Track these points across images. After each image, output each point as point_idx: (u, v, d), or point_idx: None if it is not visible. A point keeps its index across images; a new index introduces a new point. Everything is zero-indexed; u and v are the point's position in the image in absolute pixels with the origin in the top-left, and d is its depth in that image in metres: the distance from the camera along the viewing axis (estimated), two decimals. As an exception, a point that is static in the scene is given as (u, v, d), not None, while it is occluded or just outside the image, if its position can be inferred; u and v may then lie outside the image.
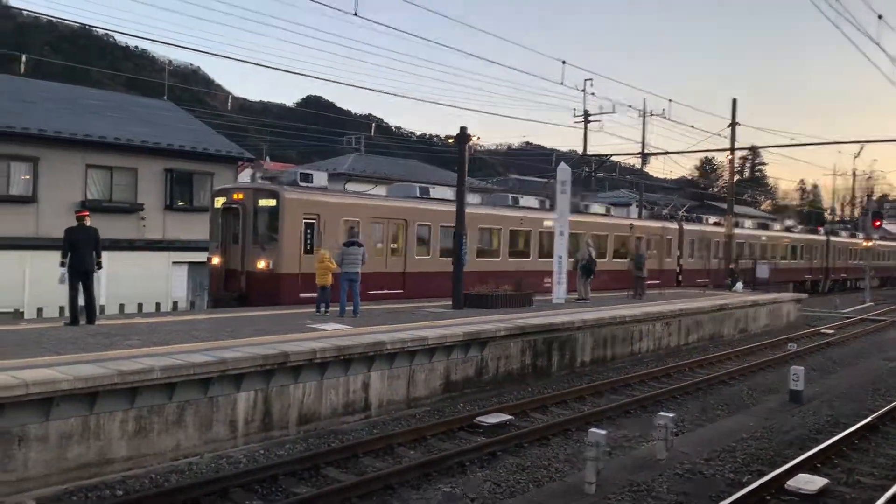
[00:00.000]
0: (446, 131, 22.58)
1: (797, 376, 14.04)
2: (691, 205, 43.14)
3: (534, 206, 24.88)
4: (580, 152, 36.17)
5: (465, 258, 17.76)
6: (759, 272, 34.29)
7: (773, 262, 37.82)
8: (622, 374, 15.91)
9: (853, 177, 65.69)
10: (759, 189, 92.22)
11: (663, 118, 34.70)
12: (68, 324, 12.23)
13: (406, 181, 26.65)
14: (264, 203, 17.30)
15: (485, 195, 25.75)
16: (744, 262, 35.04)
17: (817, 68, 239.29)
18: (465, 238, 18.03)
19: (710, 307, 22.28)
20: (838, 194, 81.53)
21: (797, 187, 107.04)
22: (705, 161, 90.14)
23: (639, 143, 38.39)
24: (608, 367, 16.95)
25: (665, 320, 19.71)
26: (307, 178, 18.40)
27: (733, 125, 32.80)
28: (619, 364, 17.40)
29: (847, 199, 78.99)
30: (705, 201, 62.90)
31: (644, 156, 39.60)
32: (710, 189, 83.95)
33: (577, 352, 16.28)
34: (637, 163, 45.04)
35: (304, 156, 56.60)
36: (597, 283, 22.15)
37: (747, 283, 31.13)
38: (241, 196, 17.80)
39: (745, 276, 32.41)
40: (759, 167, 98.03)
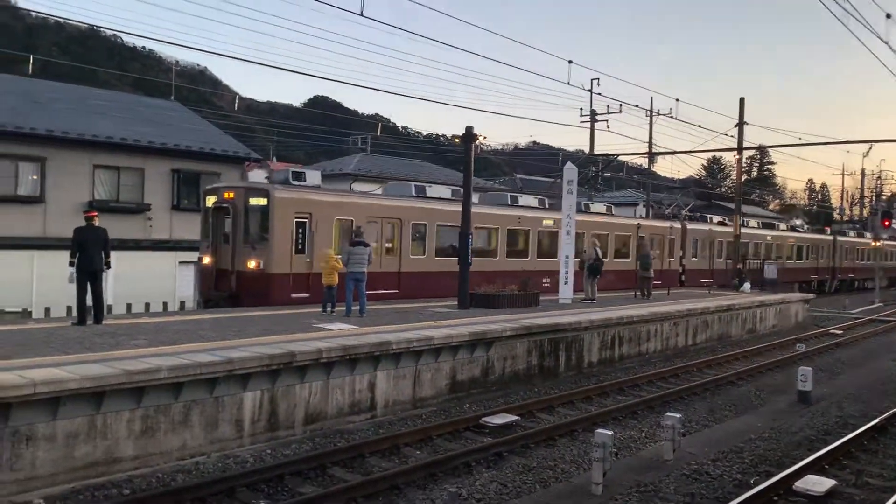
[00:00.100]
0: (453, 131, 22.44)
1: (805, 377, 14.00)
2: (695, 204, 42.94)
3: (533, 206, 24.65)
4: (587, 152, 36.13)
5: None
6: (767, 272, 34.11)
7: (778, 262, 37.60)
8: (629, 375, 15.87)
9: (862, 176, 65.39)
10: (767, 189, 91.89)
11: (670, 118, 34.65)
12: (76, 323, 12.26)
13: (413, 181, 26.53)
14: (255, 202, 17.06)
15: (483, 194, 25.48)
16: (750, 261, 34.87)
17: (825, 68, 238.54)
18: (472, 238, 17.99)
19: (718, 307, 22.20)
20: (847, 194, 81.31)
21: (805, 187, 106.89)
22: (713, 161, 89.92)
23: (646, 143, 38.42)
24: (615, 368, 16.91)
25: (672, 320, 19.65)
26: (300, 177, 18.21)
27: (741, 125, 32.68)
28: (626, 364, 17.35)
29: (856, 199, 78.65)
30: (713, 201, 62.73)
31: (651, 155, 39.57)
32: (718, 189, 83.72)
33: (584, 352, 16.24)
34: (644, 162, 45.04)
35: (311, 156, 56.72)
36: (598, 284, 22.00)
37: (755, 283, 30.98)
38: (231, 195, 17.53)
39: (753, 277, 32.25)
40: (768, 167, 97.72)
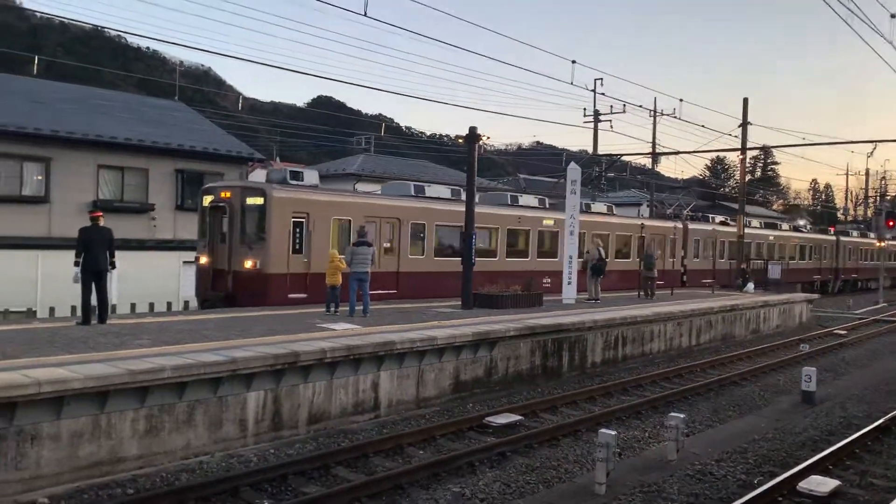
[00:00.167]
0: (456, 131, 22.41)
1: (809, 377, 13.97)
2: (697, 204, 42.80)
3: (533, 205, 24.53)
4: (590, 152, 36.08)
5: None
6: (771, 272, 34.04)
7: (780, 263, 37.47)
8: (633, 375, 15.85)
9: (866, 176, 65.24)
10: (771, 189, 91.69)
11: (674, 118, 34.63)
12: (80, 323, 12.28)
13: (413, 181, 26.41)
14: (252, 201, 16.94)
15: (483, 194, 25.37)
16: (753, 261, 34.76)
17: (829, 68, 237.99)
18: (475, 238, 17.99)
19: (721, 307, 22.17)
20: (851, 194, 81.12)
21: (809, 187, 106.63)
22: (716, 161, 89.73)
23: (649, 143, 38.38)
24: (619, 368, 16.90)
25: (676, 321, 19.62)
26: (297, 177, 18.12)
27: (744, 125, 32.61)
28: (630, 365, 17.34)
29: (860, 199, 78.48)
30: (717, 201, 62.62)
31: (654, 155, 39.53)
32: (722, 189, 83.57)
33: (588, 352, 16.24)
34: (648, 162, 44.97)
35: (315, 156, 56.73)
36: (601, 284, 21.90)
37: (758, 283, 30.91)
38: (228, 194, 17.44)
39: (757, 277, 32.17)
40: (771, 167, 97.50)
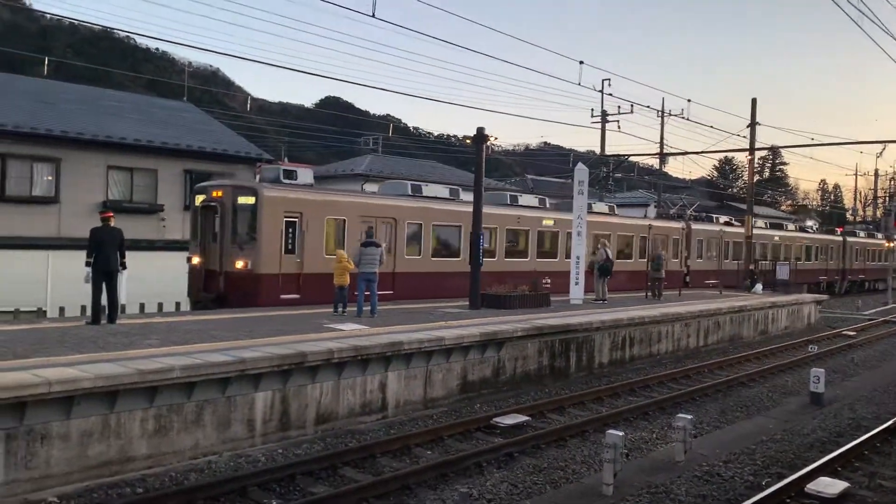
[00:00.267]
0: (464, 132, 22.37)
1: (818, 378, 13.91)
2: (700, 204, 42.61)
3: (532, 205, 24.36)
4: (598, 152, 36.08)
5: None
6: (780, 273, 33.92)
7: (787, 263, 37.26)
8: (640, 376, 15.82)
9: (875, 177, 64.95)
10: (780, 189, 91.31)
11: (682, 118, 34.57)
12: (90, 323, 12.35)
13: (410, 180, 26.22)
14: (243, 201, 16.76)
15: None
16: (760, 262, 34.62)
17: (838, 68, 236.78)
18: (483, 238, 18.00)
19: (729, 308, 22.10)
20: (860, 195, 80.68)
21: (818, 188, 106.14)
22: (725, 161, 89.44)
23: (657, 143, 38.34)
24: (626, 369, 16.88)
25: (684, 322, 19.58)
26: (291, 176, 17.97)
27: (753, 125, 32.54)
28: (637, 365, 17.31)
29: (869, 200, 78.08)
30: (725, 202, 62.43)
31: (662, 156, 39.47)
32: (730, 189, 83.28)
33: (595, 353, 16.22)
34: (655, 163, 44.91)
35: (323, 156, 56.80)
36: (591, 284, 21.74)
37: (766, 284, 30.79)
38: (220, 194, 17.25)
39: (765, 278, 32.06)
40: (780, 167, 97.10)
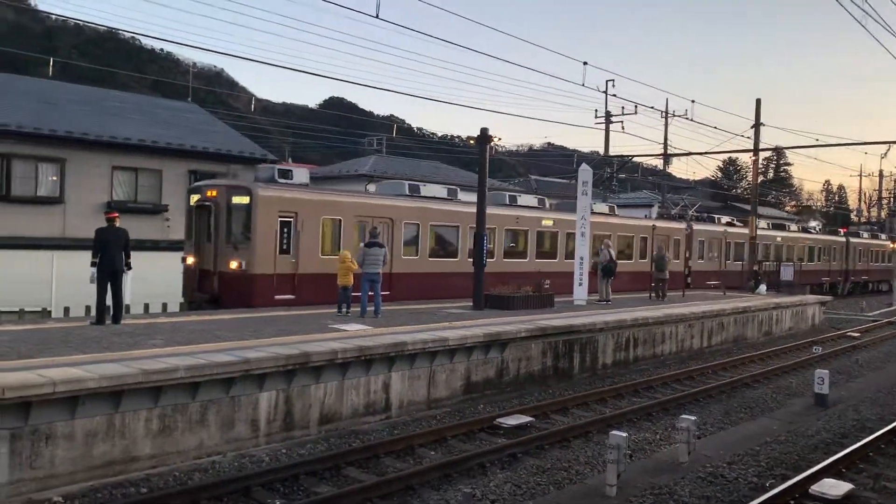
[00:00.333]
0: (467, 132, 22.36)
1: (822, 380, 13.88)
2: (703, 204, 42.52)
3: (532, 205, 24.25)
4: (602, 153, 36.03)
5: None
6: (784, 274, 33.85)
7: (792, 264, 37.10)
8: (644, 377, 15.81)
9: (880, 178, 64.77)
10: (784, 190, 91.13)
11: (686, 119, 34.52)
12: (94, 323, 12.38)
13: (407, 180, 26.00)
14: (237, 201, 16.66)
15: None
16: (764, 263, 34.53)
17: (842, 68, 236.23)
18: (486, 239, 18.01)
19: (733, 309, 22.06)
20: (865, 195, 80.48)
21: (823, 188, 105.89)
22: (729, 162, 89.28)
23: (661, 144, 38.26)
24: (630, 370, 16.86)
25: (688, 322, 19.56)
26: (286, 175, 17.86)
27: (757, 126, 32.47)
28: (641, 366, 17.29)
29: (874, 201, 77.87)
30: (729, 202, 62.33)
31: (666, 156, 39.40)
32: (734, 190, 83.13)
33: (599, 354, 16.21)
34: (659, 163, 44.81)
35: (327, 157, 56.86)
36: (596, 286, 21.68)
37: (770, 285, 30.73)
38: (214, 193, 17.17)
39: (769, 279, 31.99)
40: (784, 168, 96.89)
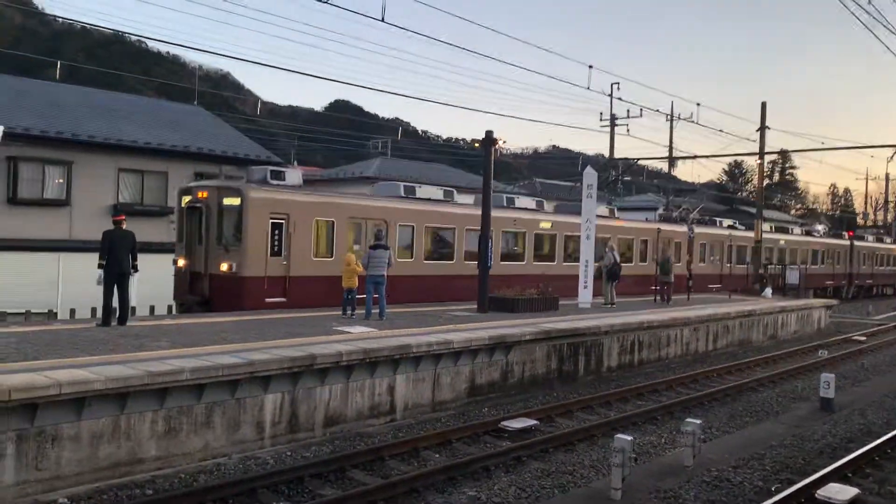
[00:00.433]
0: (472, 135, 22.35)
1: (828, 384, 13.82)
2: (705, 207, 42.39)
3: (529, 207, 24.13)
4: (607, 156, 36.03)
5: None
6: (790, 277, 33.77)
7: (797, 268, 36.97)
8: (649, 380, 15.76)
9: (886, 181, 64.62)
10: (790, 193, 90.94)
11: (691, 122, 34.52)
12: (100, 325, 12.41)
13: (402, 181, 25.71)
14: (228, 202, 16.49)
15: (477, 195, 25.06)
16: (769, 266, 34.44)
17: (850, 72, 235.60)
18: (491, 241, 18.00)
19: (739, 313, 22.02)
20: (871, 199, 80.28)
21: (828, 192, 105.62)
22: (734, 165, 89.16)
23: (666, 147, 38.23)
24: (635, 373, 16.83)
25: (693, 326, 19.52)
26: (279, 176, 17.71)
27: (762, 129, 32.44)
28: (646, 369, 17.27)
29: (880, 204, 77.68)
30: (734, 205, 62.21)
31: (671, 160, 39.37)
32: (740, 193, 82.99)
33: (604, 357, 16.20)
34: (664, 166, 44.81)
35: (332, 160, 56.92)
36: (598, 288, 21.47)
37: (776, 288, 30.65)
38: (205, 194, 17.01)
39: (774, 282, 31.93)
40: (790, 171, 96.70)
